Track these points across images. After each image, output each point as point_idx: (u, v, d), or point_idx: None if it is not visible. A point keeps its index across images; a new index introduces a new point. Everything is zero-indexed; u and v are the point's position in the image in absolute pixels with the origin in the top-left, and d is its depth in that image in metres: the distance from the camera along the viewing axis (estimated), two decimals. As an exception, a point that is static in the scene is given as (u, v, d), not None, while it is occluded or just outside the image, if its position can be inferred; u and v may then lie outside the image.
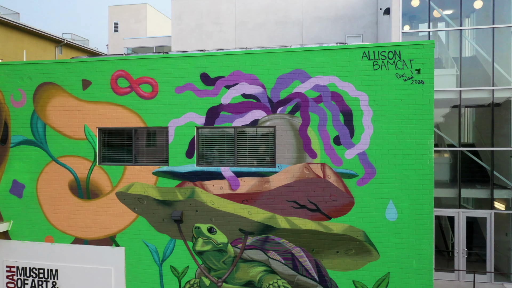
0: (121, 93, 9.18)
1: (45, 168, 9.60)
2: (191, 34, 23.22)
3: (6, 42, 32.63)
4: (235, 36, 22.76)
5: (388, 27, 15.96)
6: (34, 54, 35.44)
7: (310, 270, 8.36)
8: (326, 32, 21.73)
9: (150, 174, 9.05)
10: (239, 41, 22.73)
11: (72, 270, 9.44)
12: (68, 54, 39.82)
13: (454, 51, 15.70)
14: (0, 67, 9.80)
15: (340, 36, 21.62)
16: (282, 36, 22.22)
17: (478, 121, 16.33)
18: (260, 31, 22.43)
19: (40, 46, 36.23)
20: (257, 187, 8.56)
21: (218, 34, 22.91)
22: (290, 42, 22.13)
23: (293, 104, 8.37)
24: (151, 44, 26.56)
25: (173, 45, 23.51)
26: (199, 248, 8.84)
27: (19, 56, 33.58)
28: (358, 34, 21.36)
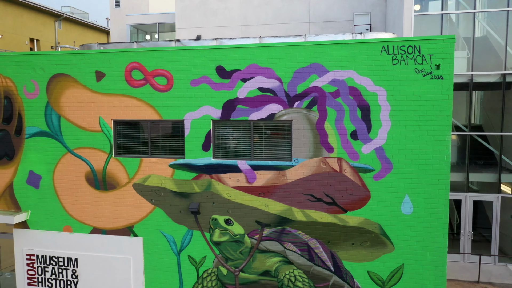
0: (135, 86, 9.13)
1: (61, 160, 9.66)
2: (195, 11, 22.79)
3: (5, 16, 32.02)
4: (240, 14, 22.35)
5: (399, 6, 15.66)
6: (34, 29, 34.89)
7: (326, 261, 8.58)
8: (333, 9, 21.32)
9: (167, 166, 9.12)
10: (245, 19, 22.34)
11: (92, 258, 9.67)
12: (68, 28, 39.19)
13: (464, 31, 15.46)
14: (12, 58, 9.69)
15: (348, 14, 21.24)
16: (288, 13, 21.82)
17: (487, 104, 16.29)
18: (266, 9, 22.01)
19: (40, 21, 35.61)
20: (274, 180, 8.66)
21: (223, 11, 22.48)
22: (296, 20, 21.76)
23: (310, 98, 8.35)
24: (154, 20, 26.08)
25: (177, 22, 23.12)
26: (216, 239, 9.03)
27: (19, 31, 33.05)
28: (366, 11, 20.97)
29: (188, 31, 22.93)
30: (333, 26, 21.36)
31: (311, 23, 21.57)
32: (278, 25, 21.89)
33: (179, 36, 23.06)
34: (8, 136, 9.88)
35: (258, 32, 22.12)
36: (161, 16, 25.91)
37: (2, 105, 9.85)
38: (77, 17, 39.37)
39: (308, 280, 8.68)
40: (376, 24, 20.84)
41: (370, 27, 20.72)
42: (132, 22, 26.04)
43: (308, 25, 21.63)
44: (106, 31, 45.39)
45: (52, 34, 37.13)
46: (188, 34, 22.91)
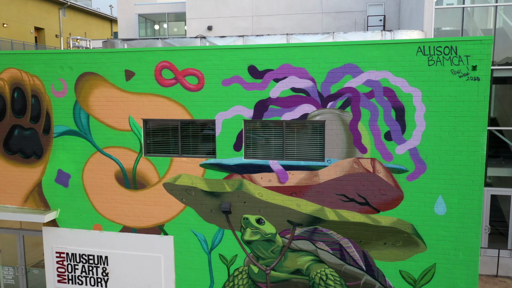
0: (166, 85, 9.09)
1: (90, 159, 9.67)
2: (206, 1, 22.55)
3: (10, 5, 31.66)
4: (251, 4, 22.12)
5: None
6: (39, 18, 34.55)
7: (358, 260, 8.67)
8: (346, 0, 21.12)
9: (198, 166, 9.14)
10: (256, 9, 22.12)
11: (122, 256, 9.76)
12: (72, 16, 38.80)
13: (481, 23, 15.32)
14: (39, 56, 9.62)
15: (361, 4, 21.04)
16: (301, 4, 21.60)
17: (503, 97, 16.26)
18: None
19: (44, 9, 35.25)
20: (306, 180, 8.70)
21: (234, 1, 22.25)
22: (308, 10, 21.56)
23: (344, 98, 8.34)
24: (163, 10, 25.80)
25: (188, 12, 22.89)
26: (247, 238, 9.11)
27: (23, 20, 32.71)
28: (380, 2, 20.78)
29: (198, 21, 22.73)
30: (346, 17, 21.20)
31: (324, 13, 21.38)
32: (290, 15, 21.69)
33: (190, 26, 22.85)
34: (36, 135, 9.87)
35: (270, 22, 21.92)
36: (170, 5, 25.64)
37: (30, 104, 9.81)
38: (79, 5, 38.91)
39: (339, 278, 8.79)
40: (390, 15, 20.68)
41: (384, 18, 20.56)
42: (140, 11, 25.77)
43: (320, 15, 21.45)
44: (109, 19, 44.94)
45: (56, 23, 36.77)
46: (198, 25, 22.72)
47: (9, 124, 10.00)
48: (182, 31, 27.76)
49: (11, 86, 9.86)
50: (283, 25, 21.83)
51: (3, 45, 29.74)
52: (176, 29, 28.06)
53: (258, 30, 22.06)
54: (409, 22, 17.18)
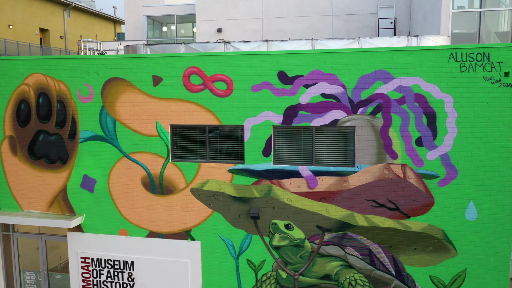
0: (194, 90, 9.09)
1: (117, 164, 9.66)
2: (216, 4, 22.57)
3: (16, 6, 31.58)
4: (262, 6, 22.15)
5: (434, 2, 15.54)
6: (44, 19, 34.49)
7: (387, 265, 8.69)
8: (357, 2, 21.18)
9: (226, 171, 9.15)
10: (266, 11, 22.15)
11: (148, 262, 9.75)
12: (76, 18, 38.72)
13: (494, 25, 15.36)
14: (65, 62, 9.61)
15: (372, 6, 21.10)
16: (311, 6, 21.65)
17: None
18: (288, 1, 21.83)
19: (49, 10, 35.20)
20: (336, 186, 8.71)
21: (244, 3, 22.27)
22: (319, 12, 21.60)
23: (374, 105, 8.36)
24: (172, 12, 25.80)
25: (197, 14, 22.89)
26: (276, 243, 9.12)
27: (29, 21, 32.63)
28: (390, 4, 20.85)
29: (208, 23, 22.73)
30: (356, 19, 21.25)
31: (334, 16, 21.43)
32: (301, 18, 21.73)
33: (199, 29, 22.86)
34: (62, 140, 9.86)
35: (280, 25, 21.95)
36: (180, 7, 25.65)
37: (55, 109, 9.79)
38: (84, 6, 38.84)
39: (368, 284, 8.81)
40: (401, 17, 20.74)
41: (394, 20, 20.61)
42: (149, 13, 25.76)
43: (331, 18, 21.49)
44: (113, 20, 44.86)
45: (61, 24, 36.70)
46: (208, 27, 22.72)
47: (34, 130, 9.98)
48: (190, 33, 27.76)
49: (36, 91, 9.83)
50: (293, 28, 21.86)
51: (9, 47, 29.66)
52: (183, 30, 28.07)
53: (268, 33, 22.09)
54: (422, 25, 17.23)
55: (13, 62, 9.87)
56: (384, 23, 20.73)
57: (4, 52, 29.06)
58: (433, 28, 15.21)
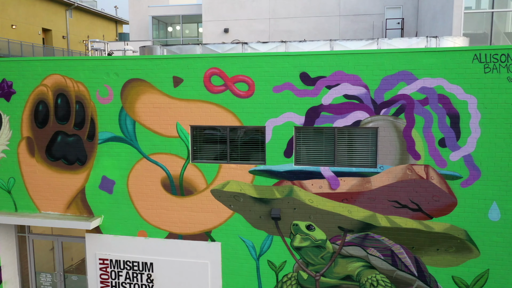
0: (215, 91, 9.08)
1: (136, 165, 9.64)
2: (223, 4, 22.54)
3: (18, 6, 31.45)
4: (269, 6, 22.14)
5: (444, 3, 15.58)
6: (46, 19, 34.38)
7: (410, 266, 8.71)
8: (364, 2, 21.20)
9: (247, 172, 9.14)
10: (273, 12, 22.15)
11: (168, 263, 9.73)
12: (78, 18, 38.61)
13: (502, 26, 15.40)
14: (84, 62, 9.58)
15: (379, 7, 21.13)
16: (318, 6, 21.66)
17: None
18: (296, 2, 21.82)
19: (51, 10, 35.09)
20: (358, 187, 8.72)
21: (251, 3, 22.26)
22: (326, 13, 21.61)
23: (397, 105, 8.37)
24: (177, 12, 25.76)
25: (204, 14, 22.87)
26: (297, 244, 9.12)
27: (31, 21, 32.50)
28: (398, 5, 20.88)
29: (215, 23, 22.71)
30: (363, 20, 21.27)
31: (341, 16, 21.45)
32: (308, 18, 21.74)
33: (206, 29, 22.84)
34: (80, 141, 9.82)
35: (287, 25, 21.95)
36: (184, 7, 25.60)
37: (74, 110, 9.76)
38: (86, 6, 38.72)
39: (390, 284, 8.82)
40: (408, 18, 20.78)
41: (402, 21, 20.66)
42: (154, 13, 25.71)
43: (338, 18, 21.51)
44: (114, 20, 44.75)
45: (63, 24, 36.59)
46: (215, 27, 22.70)
47: (52, 131, 9.94)
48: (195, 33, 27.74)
49: (55, 92, 9.80)
50: (300, 28, 21.87)
51: (12, 47, 29.54)
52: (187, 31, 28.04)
53: (275, 33, 22.09)
54: (432, 25, 17.28)
55: (31, 63, 9.83)
56: (392, 23, 20.77)
57: (7, 53, 28.93)
58: (444, 29, 15.25)
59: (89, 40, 19.03)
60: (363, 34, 21.18)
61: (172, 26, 27.58)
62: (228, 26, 22.59)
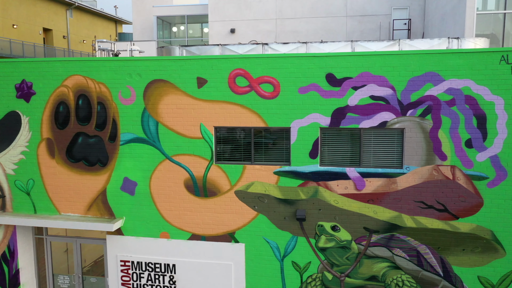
0: (240, 92, 9.06)
1: (159, 166, 9.59)
2: (229, 4, 22.52)
3: (20, 6, 31.22)
4: (275, 6, 22.15)
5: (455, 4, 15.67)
6: (47, 19, 34.15)
7: (435, 266, 8.74)
8: (371, 3, 21.27)
9: (271, 173, 9.13)
10: (280, 12, 22.16)
11: (190, 265, 9.70)
12: (79, 17, 38.39)
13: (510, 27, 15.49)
14: (107, 63, 9.52)
15: (386, 8, 21.22)
16: (325, 7, 21.71)
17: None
18: (302, 2, 21.85)
19: (52, 10, 34.88)
20: (383, 188, 8.74)
21: (258, 4, 22.25)
22: (333, 13, 21.66)
23: (424, 106, 8.40)
24: (182, 12, 25.69)
25: (210, 15, 22.83)
26: (322, 245, 9.12)
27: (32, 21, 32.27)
28: (404, 6, 20.97)
29: (221, 24, 22.68)
30: (370, 20, 21.34)
31: (348, 17, 21.50)
32: (315, 18, 21.77)
33: (212, 29, 22.79)
34: (102, 143, 9.76)
35: (294, 26, 21.96)
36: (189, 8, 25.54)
37: (95, 111, 9.70)
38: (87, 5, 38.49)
39: (416, 285, 8.85)
40: (415, 18, 20.87)
41: (409, 22, 20.74)
42: (159, 13, 25.61)
43: (345, 19, 21.56)
44: (114, 20, 44.54)
45: (64, 24, 36.36)
46: (221, 27, 22.67)
47: (73, 132, 9.87)
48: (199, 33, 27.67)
49: (76, 93, 9.73)
50: (307, 28, 21.90)
51: (14, 47, 29.30)
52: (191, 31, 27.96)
53: (282, 33, 22.10)
54: (441, 26, 17.36)
55: (52, 63, 9.75)
56: (398, 24, 20.85)
57: (9, 53, 28.70)
58: (455, 30, 15.33)
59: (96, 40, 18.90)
60: (370, 34, 21.25)
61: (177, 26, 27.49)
62: (234, 26, 22.56)
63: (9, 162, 10.25)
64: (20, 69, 9.92)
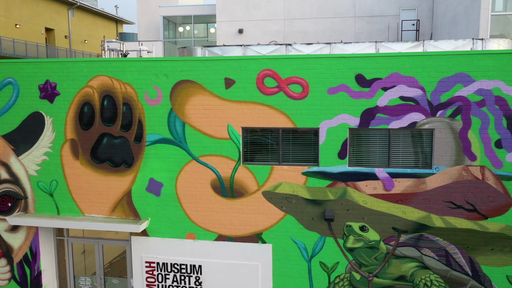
0: (268, 93, 9.06)
1: (185, 167, 9.57)
2: (237, 4, 22.51)
3: (22, 6, 31.00)
4: (284, 7, 22.17)
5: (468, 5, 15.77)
6: (49, 19, 33.93)
7: (464, 265, 8.80)
8: (379, 3, 21.36)
9: (299, 174, 9.14)
10: (288, 12, 22.19)
11: (217, 266, 9.69)
12: (80, 17, 38.19)
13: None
14: (133, 64, 9.48)
15: (394, 9, 21.32)
16: (333, 7, 21.76)
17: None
18: (311, 2, 21.89)
19: (54, 9, 34.69)
20: (413, 188, 8.78)
21: (266, 4, 22.27)
22: (341, 14, 21.72)
23: (454, 107, 8.45)
24: (188, 13, 25.64)
25: (218, 15, 22.81)
26: (350, 245, 9.15)
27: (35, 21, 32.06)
28: (413, 6, 21.08)
29: (229, 24, 22.66)
30: (378, 21, 21.43)
31: (357, 17, 21.57)
32: (323, 19, 21.83)
33: (220, 29, 22.77)
34: (127, 143, 9.72)
35: (302, 26, 21.99)
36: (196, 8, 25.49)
37: (121, 112, 9.65)
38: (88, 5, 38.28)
39: (444, 284, 8.90)
40: (423, 19, 20.98)
41: (417, 22, 20.85)
42: (165, 14, 25.54)
43: (353, 19, 21.63)
44: (115, 19, 44.34)
45: (65, 23, 36.15)
46: (229, 28, 22.65)
47: (98, 133, 9.82)
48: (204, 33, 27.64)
49: (101, 93, 9.68)
50: (315, 29, 21.94)
51: (17, 47, 29.09)
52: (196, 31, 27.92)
53: (290, 34, 22.13)
54: (452, 27, 17.47)
55: (77, 64, 9.70)
56: (407, 25, 20.95)
57: (13, 52, 28.48)
58: (468, 31, 15.44)
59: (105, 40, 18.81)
60: (378, 35, 21.34)
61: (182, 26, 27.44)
62: (242, 26, 22.56)
63: (31, 163, 10.18)
64: (44, 70, 9.85)
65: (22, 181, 10.29)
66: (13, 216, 10.16)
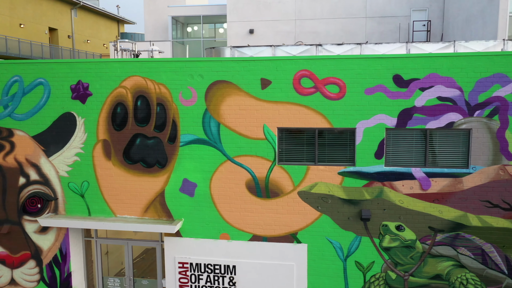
0: (304, 93, 9.09)
1: (220, 167, 9.57)
2: (248, 5, 22.50)
3: (26, 5, 30.76)
4: (295, 7, 22.20)
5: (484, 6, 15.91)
6: (52, 18, 33.73)
7: (500, 264, 8.89)
8: (391, 4, 21.45)
9: (335, 174, 9.18)
10: (299, 12, 22.22)
11: (251, 266, 9.69)
12: (83, 17, 37.98)
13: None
14: (167, 64, 9.47)
15: (405, 9, 21.42)
16: (345, 8, 21.82)
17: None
18: (322, 3, 21.94)
19: (57, 9, 34.49)
20: (449, 187, 8.85)
21: (277, 5, 22.28)
22: (352, 14, 21.80)
23: (491, 107, 8.53)
24: (197, 13, 25.59)
25: (229, 15, 22.78)
26: (386, 244, 9.20)
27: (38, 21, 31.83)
28: (424, 7, 21.20)
29: (239, 24, 22.66)
30: (390, 22, 21.54)
31: (368, 18, 21.66)
32: (334, 19, 21.89)
33: (230, 30, 22.76)
34: (161, 144, 9.70)
35: (313, 26, 22.04)
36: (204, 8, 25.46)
37: (155, 112, 9.63)
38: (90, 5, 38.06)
39: (480, 283, 8.98)
40: (434, 20, 21.12)
41: (428, 23, 20.99)
42: (174, 14, 25.48)
43: (364, 20, 21.72)
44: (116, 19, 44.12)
45: (68, 23, 35.94)
46: (240, 28, 22.65)
47: (131, 133, 9.79)
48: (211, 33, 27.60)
49: (134, 94, 9.65)
50: (326, 29, 22.00)
51: (22, 46, 28.87)
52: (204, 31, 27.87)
53: (301, 34, 22.17)
54: (466, 28, 17.61)
55: (110, 64, 9.66)
56: (418, 25, 21.08)
57: (18, 52, 28.26)
58: (484, 32, 15.57)
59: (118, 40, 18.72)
60: (389, 36, 21.44)
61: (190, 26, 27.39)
62: (253, 27, 22.56)
63: (62, 164, 10.12)
64: (76, 70, 9.81)
65: (53, 182, 10.23)
66: (44, 218, 10.09)
